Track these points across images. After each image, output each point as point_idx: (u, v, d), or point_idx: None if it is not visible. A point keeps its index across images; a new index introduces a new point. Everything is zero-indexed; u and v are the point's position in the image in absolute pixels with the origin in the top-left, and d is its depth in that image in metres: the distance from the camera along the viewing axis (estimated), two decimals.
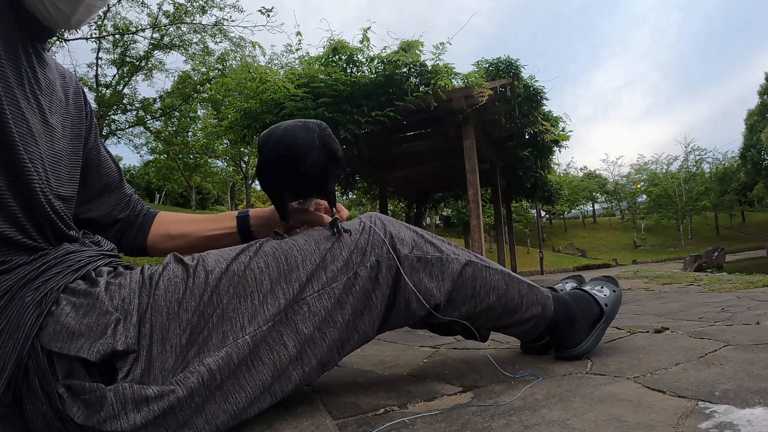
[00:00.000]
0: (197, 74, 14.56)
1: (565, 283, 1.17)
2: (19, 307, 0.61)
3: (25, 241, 0.66)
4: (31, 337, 0.60)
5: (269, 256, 0.70)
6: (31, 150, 0.66)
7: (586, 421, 0.62)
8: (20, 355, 0.59)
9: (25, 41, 0.69)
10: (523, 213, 30.91)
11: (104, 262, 0.74)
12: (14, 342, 0.60)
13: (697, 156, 41.91)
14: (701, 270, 8.84)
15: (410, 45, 5.46)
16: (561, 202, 12.72)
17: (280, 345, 0.66)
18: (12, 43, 0.66)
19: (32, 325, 0.60)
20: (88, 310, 0.62)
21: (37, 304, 0.62)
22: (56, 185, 0.72)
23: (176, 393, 0.59)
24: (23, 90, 0.67)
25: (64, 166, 0.75)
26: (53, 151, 0.72)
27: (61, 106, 0.77)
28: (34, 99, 0.70)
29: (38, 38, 0.72)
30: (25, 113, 0.66)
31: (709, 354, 0.97)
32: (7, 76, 0.64)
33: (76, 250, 0.72)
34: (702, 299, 2.58)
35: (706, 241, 34.79)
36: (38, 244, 0.68)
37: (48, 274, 0.65)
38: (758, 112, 35.68)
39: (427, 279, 0.78)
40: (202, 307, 0.64)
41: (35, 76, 0.70)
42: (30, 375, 0.60)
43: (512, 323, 0.90)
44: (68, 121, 0.78)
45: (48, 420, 0.60)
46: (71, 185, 0.77)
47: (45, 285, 0.64)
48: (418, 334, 1.60)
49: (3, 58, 0.64)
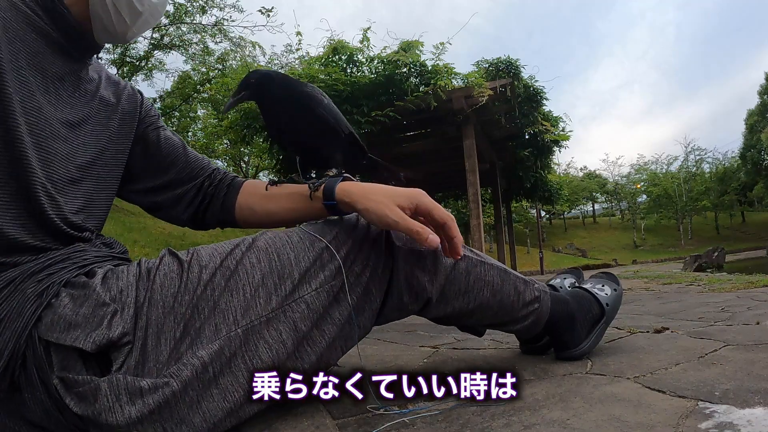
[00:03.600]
0: (197, 74, 14.57)
1: (564, 279, 1.14)
2: (20, 297, 0.62)
3: (33, 243, 0.67)
4: (29, 326, 0.61)
5: (261, 252, 0.70)
6: (46, 152, 0.68)
7: (586, 421, 0.62)
8: (17, 344, 0.60)
9: (63, 55, 0.74)
10: (523, 213, 30.96)
11: (113, 263, 0.74)
12: (12, 331, 0.60)
13: (697, 156, 42.02)
14: (701, 270, 8.83)
15: (410, 45, 5.47)
16: (561, 202, 12.72)
17: (279, 343, 0.66)
18: (38, 56, 0.70)
19: (31, 315, 0.61)
20: (85, 301, 0.63)
21: (38, 296, 0.63)
22: (68, 188, 0.73)
23: (171, 386, 0.59)
24: (47, 95, 0.70)
25: (90, 169, 0.77)
26: (71, 155, 0.74)
27: (109, 108, 0.82)
28: (63, 105, 0.73)
29: (82, 53, 0.77)
30: (48, 119, 0.69)
31: (709, 354, 0.97)
32: (29, 82, 0.67)
33: (85, 249, 0.72)
34: (702, 299, 2.58)
35: (706, 241, 34.78)
36: (46, 245, 0.69)
37: (52, 268, 0.66)
38: (758, 112, 35.68)
39: (419, 272, 0.78)
40: (195, 301, 0.65)
41: (72, 84, 0.75)
42: (28, 365, 0.61)
43: (509, 320, 0.90)
44: (115, 121, 0.82)
45: (46, 409, 0.61)
46: (96, 183, 0.78)
47: (48, 278, 0.65)
48: (418, 334, 1.60)
49: (24, 69, 0.67)
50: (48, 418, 0.61)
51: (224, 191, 0.92)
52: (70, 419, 0.60)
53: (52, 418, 0.61)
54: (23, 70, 0.67)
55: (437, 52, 5.71)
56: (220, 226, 0.95)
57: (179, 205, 0.91)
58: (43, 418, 0.61)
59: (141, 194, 0.90)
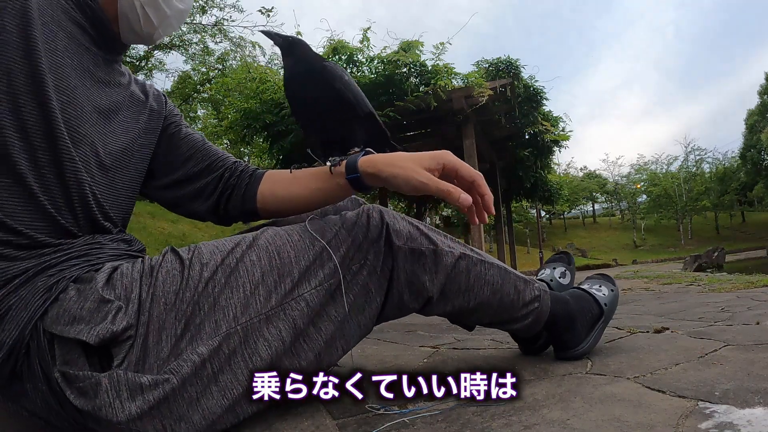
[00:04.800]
0: (197, 74, 14.58)
1: (554, 269, 1.10)
2: (31, 288, 0.63)
3: (58, 220, 0.68)
4: (35, 318, 0.62)
5: (262, 250, 0.70)
6: (75, 132, 0.70)
7: (586, 421, 0.62)
8: (21, 334, 0.61)
9: (101, 52, 0.78)
10: (523, 213, 30.92)
11: (127, 261, 0.74)
12: (18, 321, 0.61)
13: (697, 156, 41.96)
14: (701, 270, 8.84)
15: (410, 45, 5.47)
16: (561, 202, 12.72)
17: (279, 341, 0.66)
18: (74, 42, 0.73)
19: (38, 307, 0.62)
20: (91, 296, 0.63)
21: (47, 290, 0.64)
22: (95, 171, 0.74)
23: (170, 382, 0.60)
24: (82, 79, 0.73)
25: (119, 157, 0.79)
26: (106, 142, 0.77)
27: (139, 104, 0.85)
28: (97, 93, 0.76)
29: (112, 53, 0.81)
30: (81, 101, 0.72)
31: (709, 354, 0.97)
32: (64, 64, 0.70)
33: (102, 245, 0.73)
34: (702, 299, 2.58)
35: (706, 241, 34.77)
36: (69, 226, 0.69)
37: (65, 264, 0.67)
38: (758, 112, 35.69)
39: (420, 271, 0.78)
40: (196, 298, 0.65)
41: (106, 74, 0.79)
42: (31, 356, 0.61)
43: (509, 319, 0.90)
44: (144, 116, 0.85)
45: (47, 401, 0.61)
46: (123, 174, 0.80)
47: (59, 273, 0.66)
48: (418, 334, 1.60)
49: (60, 52, 0.70)
50: (48, 409, 0.62)
51: (246, 181, 0.91)
52: (70, 412, 0.61)
53: (52, 410, 0.62)
54: (59, 52, 0.69)
55: (437, 52, 5.71)
56: (243, 219, 0.94)
57: (200, 198, 0.91)
58: (42, 408, 0.62)
59: (162, 190, 0.91)
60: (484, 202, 0.73)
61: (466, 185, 0.72)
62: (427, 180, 0.68)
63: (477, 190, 0.72)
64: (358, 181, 0.75)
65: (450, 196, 0.67)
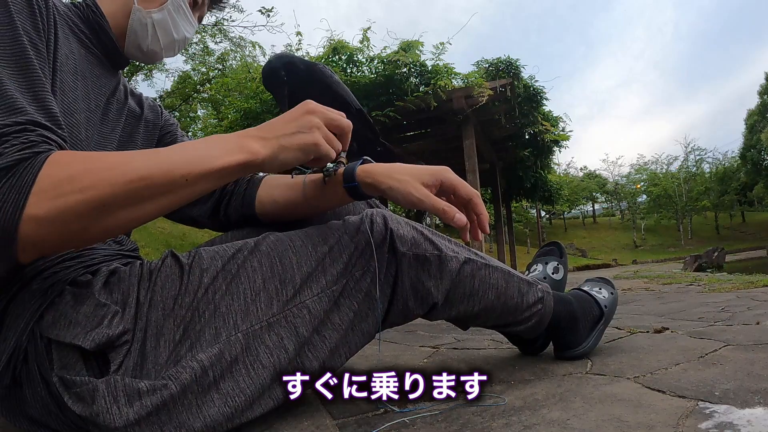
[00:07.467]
0: (197, 74, 14.56)
1: (545, 264, 1.09)
2: (27, 293, 0.63)
3: None
4: (31, 323, 0.61)
5: (263, 256, 0.69)
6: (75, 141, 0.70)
7: (586, 421, 0.62)
8: (19, 340, 0.61)
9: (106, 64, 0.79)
10: (523, 213, 30.97)
11: (121, 262, 0.74)
12: (15, 327, 0.61)
13: (697, 156, 42.04)
14: (701, 270, 8.84)
15: (410, 45, 5.47)
16: (561, 202, 12.73)
17: (281, 348, 0.66)
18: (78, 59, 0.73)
19: (34, 312, 0.62)
20: (87, 300, 0.63)
21: (42, 293, 0.63)
22: None
23: (169, 388, 0.59)
24: (88, 103, 0.74)
25: None
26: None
27: (134, 116, 0.86)
28: (96, 107, 0.76)
29: (114, 67, 0.82)
30: (76, 114, 0.71)
31: (709, 354, 0.97)
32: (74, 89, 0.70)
33: (93, 246, 0.73)
34: (702, 299, 2.58)
35: (706, 241, 34.78)
36: None
37: (59, 266, 0.67)
38: (758, 112, 35.69)
39: (425, 277, 0.77)
40: (196, 304, 0.64)
41: (104, 98, 0.79)
42: (30, 361, 0.61)
43: (513, 321, 0.90)
44: (140, 129, 0.87)
45: (46, 406, 0.61)
46: None
47: (54, 276, 0.65)
48: (418, 334, 1.60)
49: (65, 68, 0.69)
50: (48, 414, 0.62)
51: (245, 186, 0.91)
52: (70, 416, 0.60)
53: (53, 415, 0.61)
54: (70, 75, 0.70)
55: (437, 52, 5.71)
56: (242, 225, 0.93)
57: (197, 203, 0.91)
58: (43, 414, 0.62)
59: None
60: (479, 221, 0.74)
61: (463, 203, 0.73)
62: (424, 197, 0.69)
63: (473, 209, 0.73)
64: (355, 189, 0.76)
65: (445, 215, 0.68)
